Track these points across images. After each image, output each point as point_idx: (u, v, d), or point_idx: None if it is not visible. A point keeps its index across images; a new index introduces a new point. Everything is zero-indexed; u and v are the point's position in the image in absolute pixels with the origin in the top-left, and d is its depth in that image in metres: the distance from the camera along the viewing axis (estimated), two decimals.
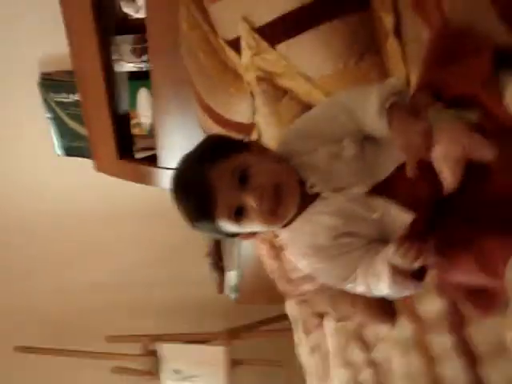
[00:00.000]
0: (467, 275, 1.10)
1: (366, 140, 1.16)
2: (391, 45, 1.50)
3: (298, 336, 2.58)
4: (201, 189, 1.09)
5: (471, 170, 1.05)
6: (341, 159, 1.13)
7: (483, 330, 1.24)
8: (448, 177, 0.98)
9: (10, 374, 3.70)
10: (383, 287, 1.12)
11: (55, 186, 3.22)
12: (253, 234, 1.20)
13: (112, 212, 3.39)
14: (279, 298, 2.70)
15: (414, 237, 1.06)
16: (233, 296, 3.38)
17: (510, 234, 1.00)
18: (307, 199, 1.14)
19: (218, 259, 3.39)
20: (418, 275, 1.11)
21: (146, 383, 3.66)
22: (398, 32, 1.48)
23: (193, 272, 3.63)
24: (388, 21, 1.48)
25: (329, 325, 2.13)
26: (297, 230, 1.16)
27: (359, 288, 1.16)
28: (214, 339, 3.58)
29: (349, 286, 1.17)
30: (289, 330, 2.73)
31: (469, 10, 1.18)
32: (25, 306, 3.66)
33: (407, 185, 1.11)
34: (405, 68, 1.48)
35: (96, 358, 3.57)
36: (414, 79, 1.38)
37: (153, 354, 3.60)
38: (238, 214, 1.11)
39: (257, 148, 1.18)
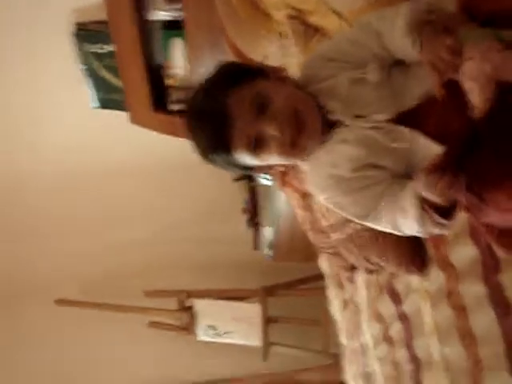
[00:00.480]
0: (501, 215, 1.01)
1: (395, 66, 1.07)
2: None
3: (331, 291, 2.53)
4: (218, 117, 1.03)
5: (505, 99, 0.95)
6: (364, 85, 1.05)
7: None
8: (476, 97, 0.88)
9: (50, 326, 3.76)
10: (411, 224, 1.04)
11: (90, 140, 3.21)
12: (270, 167, 1.13)
13: (148, 167, 3.36)
14: (315, 256, 2.65)
15: (444, 168, 0.97)
16: (268, 253, 3.34)
17: None
18: (328, 127, 1.06)
19: (254, 215, 3.34)
20: (448, 213, 1.03)
21: (182, 338, 3.68)
22: None
23: (230, 228, 3.60)
24: None
25: (360, 277, 2.06)
26: (317, 162, 1.09)
27: (384, 225, 1.08)
28: (249, 296, 3.56)
29: (372, 223, 1.09)
30: (325, 289, 2.68)
31: None
32: (66, 262, 3.70)
33: (436, 115, 1.03)
34: None
35: (133, 312, 3.61)
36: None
37: (189, 309, 3.61)
38: (257, 145, 1.04)
39: (276, 75, 1.11)
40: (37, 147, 3.21)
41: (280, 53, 1.93)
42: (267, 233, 3.28)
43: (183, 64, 2.82)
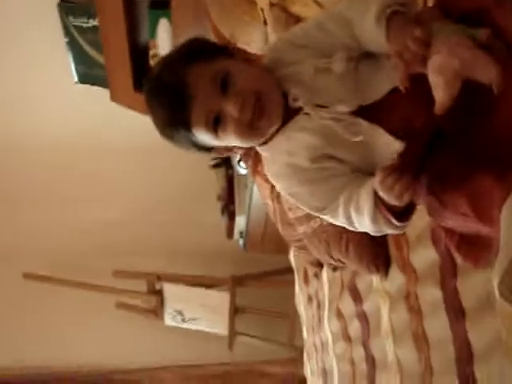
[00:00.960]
0: (459, 219, 0.98)
1: (364, 58, 1.05)
2: None
3: (297, 285, 2.53)
4: (177, 91, 0.99)
5: (471, 101, 0.93)
6: (329, 74, 1.02)
7: (472, 283, 1.14)
8: (440, 92, 0.86)
9: (17, 300, 3.72)
10: (365, 222, 1.01)
11: (69, 114, 3.16)
12: (229, 149, 1.11)
13: (126, 148, 3.33)
14: (287, 249, 2.64)
15: (403, 169, 0.95)
16: (240, 242, 3.32)
17: (506, 174, 0.88)
18: (289, 114, 1.04)
19: (229, 203, 3.32)
20: (404, 214, 1.01)
21: (149, 321, 3.66)
22: None
23: (204, 215, 3.58)
24: None
25: (325, 274, 2.06)
26: (275, 148, 1.06)
27: (339, 219, 1.05)
28: (219, 284, 3.56)
29: (328, 216, 1.07)
30: (294, 283, 2.67)
31: None
32: (37, 235, 3.67)
33: (400, 110, 1.00)
34: None
35: (102, 292, 3.59)
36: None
37: (157, 293, 3.60)
38: (216, 123, 1.02)
39: (241, 56, 1.08)
40: (14, 120, 3.16)
41: (263, 40, 1.91)
42: (241, 222, 3.26)
43: (168, 45, 2.78)
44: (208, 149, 1.09)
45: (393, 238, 1.49)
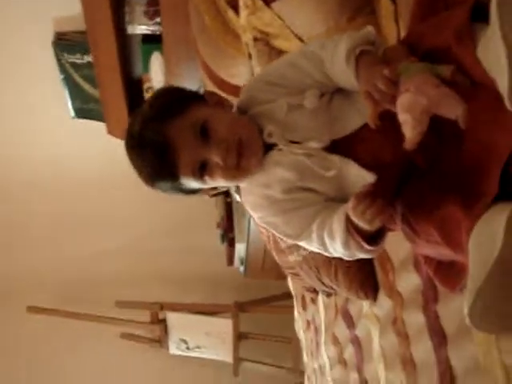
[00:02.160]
0: (432, 246, 1.01)
1: (337, 93, 1.08)
2: (384, 3, 1.41)
3: (296, 311, 2.54)
4: (160, 147, 1.02)
5: (439, 133, 0.96)
6: (302, 111, 1.05)
7: (451, 308, 1.16)
8: (409, 129, 0.89)
9: (21, 334, 3.75)
10: (338, 246, 1.04)
11: (67, 149, 3.21)
12: (214, 188, 1.14)
13: (124, 178, 3.34)
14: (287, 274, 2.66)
15: (375, 195, 0.98)
16: (241, 269, 3.34)
17: (473, 203, 0.91)
18: (264, 148, 1.07)
19: (228, 230, 3.34)
20: (375, 238, 1.03)
21: (154, 351, 3.67)
22: None
23: (204, 243, 3.60)
24: None
25: (321, 299, 2.07)
26: (252, 180, 1.09)
27: (314, 245, 1.08)
28: (222, 311, 3.56)
29: (303, 242, 1.10)
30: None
31: None
32: (39, 267, 3.70)
33: (370, 144, 1.03)
34: (396, 27, 1.39)
35: (105, 323, 3.60)
36: None
37: (161, 322, 3.61)
38: (202, 170, 1.05)
39: (214, 99, 1.11)
40: (14, 155, 3.21)
41: (248, 73, 1.95)
42: (240, 249, 3.28)
43: (161, 77, 2.83)
44: (195, 191, 1.12)
45: (379, 264, 1.51)
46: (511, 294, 0.82)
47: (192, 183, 1.08)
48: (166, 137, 1.02)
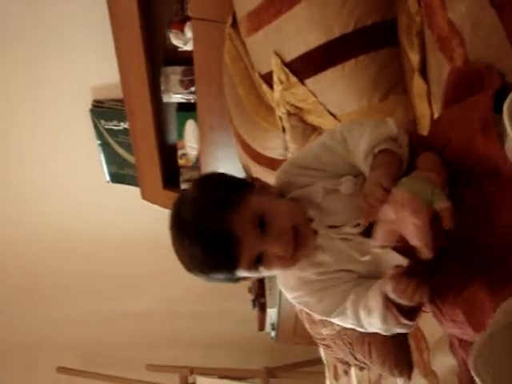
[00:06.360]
0: (457, 326, 1.02)
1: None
2: (417, 83, 1.43)
3: (330, 381, 2.50)
4: (224, 239, 1.00)
5: (475, 217, 0.98)
6: (338, 195, 1.07)
7: None
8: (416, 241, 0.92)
9: None
10: (375, 322, 1.04)
11: (103, 212, 3.27)
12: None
13: (157, 242, 3.39)
14: None
15: (410, 274, 0.99)
16: (272, 334, 3.31)
17: (500, 287, 0.92)
18: None
19: (259, 295, 3.33)
20: (411, 313, 1.04)
21: None
22: (423, 70, 1.42)
23: (235, 307, 3.59)
24: (414, 59, 1.42)
25: (354, 372, 2.04)
26: None
27: (349, 321, 1.08)
28: (251, 376, 3.52)
29: (337, 319, 1.10)
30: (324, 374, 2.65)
31: (487, 47, 1.12)
32: (70, 327, 3.71)
33: None
34: (429, 107, 1.41)
35: None
36: None
37: None
38: (259, 261, 1.06)
39: (259, 185, 1.12)
40: (50, 219, 3.28)
41: (281, 147, 1.98)
42: (272, 314, 3.26)
43: (195, 145, 2.89)
44: (241, 279, 1.12)
45: (414, 342, 1.50)
46: None
47: (244, 273, 1.08)
48: (229, 228, 1.01)
